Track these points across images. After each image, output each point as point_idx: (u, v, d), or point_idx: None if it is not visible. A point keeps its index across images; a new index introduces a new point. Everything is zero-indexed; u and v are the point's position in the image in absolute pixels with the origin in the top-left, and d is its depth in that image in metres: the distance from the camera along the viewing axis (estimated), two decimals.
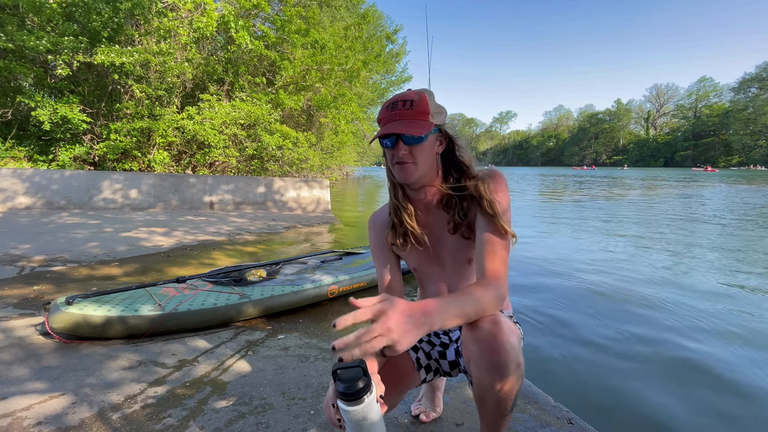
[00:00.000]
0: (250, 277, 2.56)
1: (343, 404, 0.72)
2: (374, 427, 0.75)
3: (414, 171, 0.93)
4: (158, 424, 1.31)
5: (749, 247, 5.15)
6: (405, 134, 0.90)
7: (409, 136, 0.90)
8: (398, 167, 0.93)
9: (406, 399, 1.47)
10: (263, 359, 1.81)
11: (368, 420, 0.74)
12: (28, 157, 8.13)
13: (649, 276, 3.80)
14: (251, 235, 4.98)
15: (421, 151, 0.93)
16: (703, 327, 2.62)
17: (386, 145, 0.94)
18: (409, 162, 0.92)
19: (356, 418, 0.73)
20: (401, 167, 0.93)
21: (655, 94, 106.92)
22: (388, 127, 0.90)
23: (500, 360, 0.80)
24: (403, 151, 0.91)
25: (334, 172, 19.39)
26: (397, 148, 0.92)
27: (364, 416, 0.73)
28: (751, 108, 74.16)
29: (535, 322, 2.66)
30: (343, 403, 0.72)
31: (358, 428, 0.74)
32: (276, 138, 8.90)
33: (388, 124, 0.92)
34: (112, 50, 6.99)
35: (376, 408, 0.75)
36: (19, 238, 4.16)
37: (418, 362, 1.08)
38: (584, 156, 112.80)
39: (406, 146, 0.91)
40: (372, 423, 0.74)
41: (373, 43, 15.04)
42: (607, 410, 1.74)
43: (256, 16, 10.02)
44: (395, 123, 0.91)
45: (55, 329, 1.89)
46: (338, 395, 0.72)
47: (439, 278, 1.08)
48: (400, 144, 0.91)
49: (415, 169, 0.93)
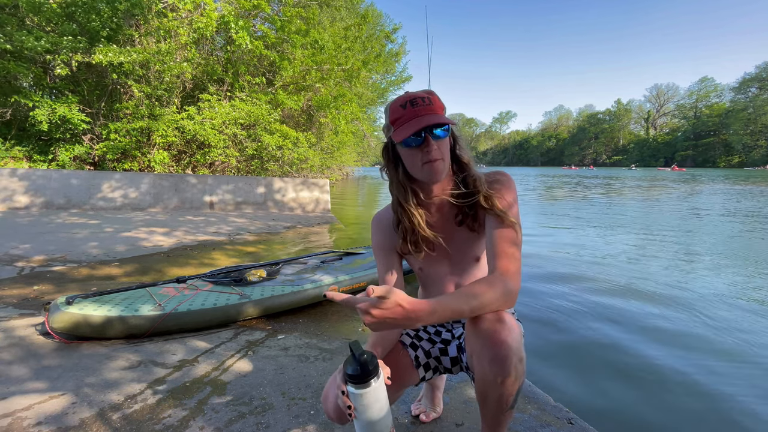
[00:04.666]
0: (250, 277, 2.56)
1: (356, 388, 0.74)
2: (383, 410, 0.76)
3: (443, 168, 0.92)
4: (158, 424, 1.31)
5: (752, 248, 5.15)
6: (437, 126, 0.88)
7: (439, 131, 0.89)
8: (430, 166, 0.90)
9: (406, 399, 1.47)
10: (263, 359, 1.81)
11: (380, 402, 0.75)
12: (28, 157, 8.13)
13: (649, 276, 3.80)
14: (251, 235, 4.98)
15: (445, 147, 0.93)
16: (703, 326, 2.62)
17: (412, 145, 0.90)
18: (440, 159, 0.91)
19: (368, 401, 0.74)
20: (433, 165, 0.90)
21: (655, 94, 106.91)
22: (420, 122, 0.86)
23: (502, 354, 0.80)
24: (434, 148, 0.89)
25: (334, 172, 19.39)
26: (428, 145, 0.89)
27: (377, 398, 0.75)
28: (751, 108, 74.17)
29: (535, 322, 2.66)
30: (355, 387, 0.74)
31: (371, 412, 0.75)
32: (276, 138, 8.90)
33: (414, 120, 0.88)
34: (110, 50, 6.99)
35: (384, 391, 0.77)
36: (19, 238, 4.16)
37: (417, 360, 1.08)
38: (584, 156, 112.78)
39: (434, 142, 0.90)
40: (382, 406, 0.76)
41: (373, 42, 15.05)
42: (607, 410, 1.74)
43: (256, 17, 10.01)
44: (424, 117, 0.88)
45: (55, 329, 1.89)
46: (349, 379, 0.74)
47: (444, 276, 1.08)
48: (430, 140, 0.89)
49: (443, 166, 0.92)
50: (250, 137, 9.07)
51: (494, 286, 0.81)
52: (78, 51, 7.21)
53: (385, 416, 0.77)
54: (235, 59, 9.37)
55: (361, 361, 0.73)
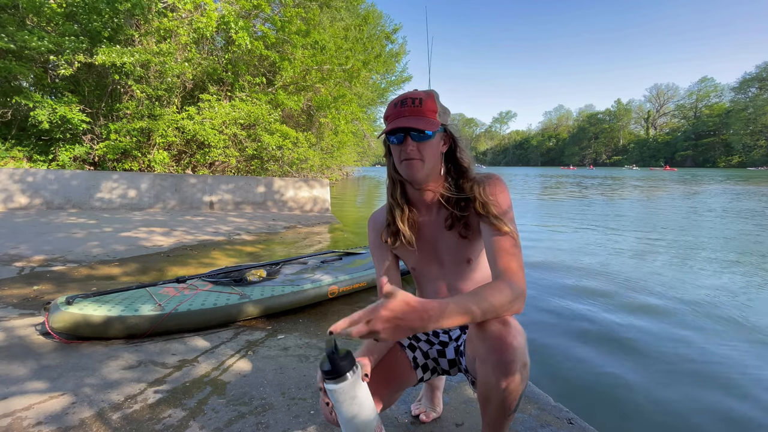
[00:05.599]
0: (250, 277, 2.56)
1: (330, 383, 0.73)
2: (363, 406, 0.75)
3: (421, 168, 0.94)
4: (158, 424, 1.31)
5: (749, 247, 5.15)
6: (414, 130, 0.91)
7: (417, 133, 0.91)
8: (406, 164, 0.93)
9: (405, 399, 1.47)
10: (263, 359, 1.81)
11: (357, 399, 0.74)
12: (28, 157, 8.13)
13: (650, 275, 3.79)
14: (251, 235, 4.98)
15: (428, 148, 0.94)
16: (704, 326, 2.62)
17: (393, 142, 0.95)
18: (417, 158, 0.93)
19: (343, 397, 0.73)
20: (409, 163, 0.93)
21: (655, 94, 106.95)
22: (398, 122, 0.91)
23: (507, 358, 0.80)
24: (411, 147, 0.92)
25: (334, 172, 19.39)
26: (406, 144, 0.92)
27: (353, 394, 0.73)
28: (751, 108, 74.18)
29: (535, 322, 2.66)
30: (330, 383, 0.73)
31: (348, 407, 0.74)
32: (276, 138, 8.90)
33: (396, 120, 0.92)
34: (112, 50, 6.99)
35: (364, 387, 0.76)
36: (19, 238, 4.16)
37: (415, 361, 1.08)
38: (584, 156, 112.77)
39: (414, 143, 0.92)
40: (360, 402, 0.74)
41: (373, 43, 15.04)
42: (607, 410, 1.74)
43: (256, 17, 10.01)
44: (404, 119, 0.91)
45: (55, 329, 1.89)
46: (324, 375, 0.73)
47: (437, 278, 1.08)
48: (409, 140, 0.92)
49: (422, 166, 0.94)
50: (250, 137, 9.07)
51: (504, 291, 0.80)
52: (80, 51, 7.21)
53: (365, 412, 0.75)
54: (235, 59, 9.38)
55: (332, 357, 0.72)
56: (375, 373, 0.99)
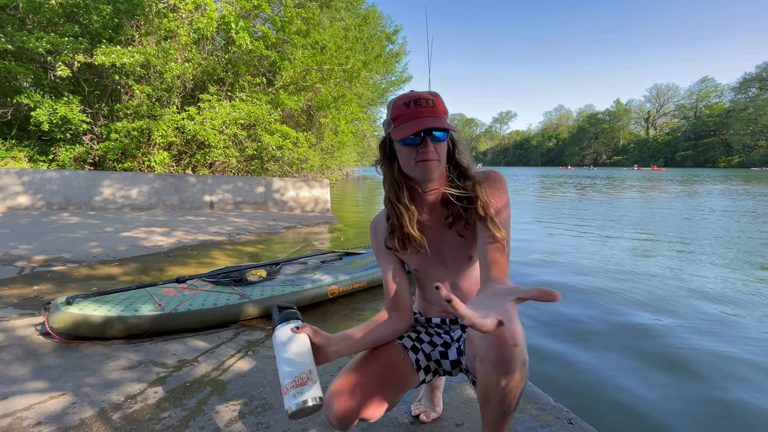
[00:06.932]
0: (250, 277, 2.56)
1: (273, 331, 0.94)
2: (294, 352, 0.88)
3: (437, 168, 0.94)
4: (158, 424, 1.31)
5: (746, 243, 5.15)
6: (438, 131, 0.91)
7: (439, 133, 0.92)
8: (423, 165, 0.92)
9: (405, 399, 1.47)
10: (263, 359, 1.81)
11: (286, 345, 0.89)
12: (28, 157, 8.12)
13: (650, 275, 3.79)
14: (251, 235, 4.98)
15: (443, 150, 0.95)
16: (705, 326, 2.62)
17: (410, 143, 0.92)
18: (435, 159, 0.93)
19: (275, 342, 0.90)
20: (427, 164, 0.92)
21: (655, 94, 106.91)
22: (422, 123, 0.89)
23: (507, 356, 0.80)
24: (431, 148, 0.92)
25: (334, 172, 19.38)
26: (426, 145, 0.92)
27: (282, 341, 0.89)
28: (751, 108, 74.17)
29: (535, 322, 2.66)
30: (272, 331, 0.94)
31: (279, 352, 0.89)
32: (276, 138, 8.89)
33: (417, 120, 0.90)
34: (113, 51, 6.99)
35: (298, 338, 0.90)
36: (19, 238, 4.16)
37: (418, 363, 1.08)
38: (584, 156, 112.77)
39: (433, 144, 0.92)
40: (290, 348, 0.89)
41: (373, 43, 15.04)
42: (607, 410, 1.74)
43: (257, 17, 10.01)
44: (427, 119, 0.90)
45: (55, 329, 1.89)
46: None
47: (440, 277, 1.08)
48: (428, 141, 0.91)
49: (438, 167, 0.94)
50: (250, 137, 9.07)
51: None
52: (80, 52, 7.21)
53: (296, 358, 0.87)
54: (235, 59, 9.37)
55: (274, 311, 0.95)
56: (379, 374, 1.01)
